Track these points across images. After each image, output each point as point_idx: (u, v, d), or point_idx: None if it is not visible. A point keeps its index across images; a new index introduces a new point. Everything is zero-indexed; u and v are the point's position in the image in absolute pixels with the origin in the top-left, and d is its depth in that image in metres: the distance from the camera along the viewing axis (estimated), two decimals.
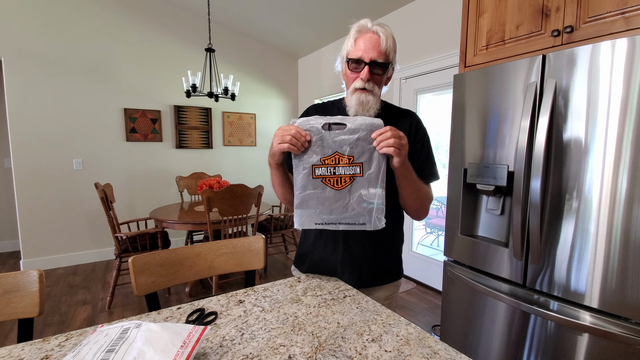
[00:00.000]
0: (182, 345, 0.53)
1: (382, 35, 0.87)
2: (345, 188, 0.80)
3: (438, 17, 2.63)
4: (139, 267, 0.91)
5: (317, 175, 0.80)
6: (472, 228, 1.43)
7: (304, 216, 0.81)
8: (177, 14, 3.69)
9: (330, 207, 0.80)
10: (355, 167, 0.80)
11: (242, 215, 2.47)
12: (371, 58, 0.87)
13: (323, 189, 0.80)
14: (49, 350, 0.61)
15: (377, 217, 0.81)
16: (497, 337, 1.30)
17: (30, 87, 3.06)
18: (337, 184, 0.80)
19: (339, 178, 0.80)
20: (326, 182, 0.80)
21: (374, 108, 0.93)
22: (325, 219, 0.81)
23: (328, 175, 0.80)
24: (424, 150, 0.99)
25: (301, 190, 0.80)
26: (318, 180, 0.80)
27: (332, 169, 0.80)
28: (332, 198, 0.80)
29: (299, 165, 0.81)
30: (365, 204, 0.81)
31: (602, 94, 0.99)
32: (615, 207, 0.98)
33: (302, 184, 0.80)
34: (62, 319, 2.32)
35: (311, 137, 0.80)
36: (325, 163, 0.80)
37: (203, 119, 3.95)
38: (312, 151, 0.80)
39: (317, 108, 1.08)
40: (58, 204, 3.25)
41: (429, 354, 0.61)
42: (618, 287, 0.98)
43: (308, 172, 0.80)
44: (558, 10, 1.26)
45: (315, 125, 0.80)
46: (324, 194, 0.80)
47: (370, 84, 0.90)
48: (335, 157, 0.80)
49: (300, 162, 0.81)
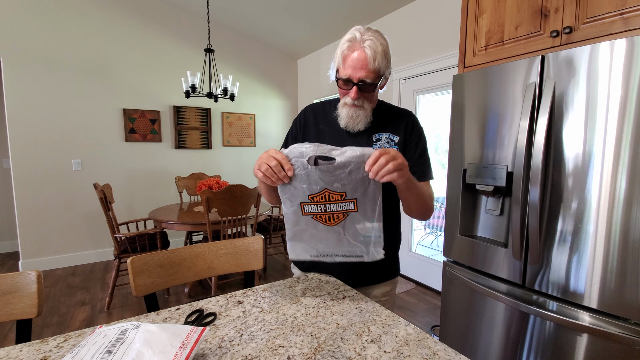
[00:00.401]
0: (181, 347, 0.53)
1: (370, 53, 0.83)
2: (339, 224, 0.75)
3: (437, 18, 2.63)
4: (137, 268, 0.91)
5: (307, 212, 0.75)
6: (472, 228, 1.43)
7: (297, 249, 0.77)
8: (176, 14, 3.69)
9: (325, 242, 0.76)
10: (348, 203, 0.75)
11: (242, 216, 2.47)
12: (359, 78, 0.86)
13: (315, 225, 0.75)
14: (47, 352, 0.60)
15: (374, 250, 0.78)
16: (497, 338, 1.30)
17: (29, 87, 3.06)
18: (330, 220, 0.75)
19: (331, 215, 0.75)
20: (317, 218, 0.75)
21: (364, 121, 0.94)
22: (320, 251, 0.76)
23: (319, 213, 0.75)
24: (418, 149, 0.99)
25: (292, 225, 0.76)
26: (309, 217, 0.75)
27: (323, 206, 0.75)
28: (325, 233, 0.75)
29: (286, 201, 0.76)
30: (362, 238, 0.77)
31: (601, 95, 0.99)
32: (614, 207, 0.98)
33: (293, 220, 0.76)
34: (61, 319, 2.31)
35: (296, 171, 0.73)
36: (315, 200, 0.74)
37: (202, 120, 3.95)
38: (298, 187, 0.74)
39: (315, 108, 1.08)
40: (57, 205, 3.25)
41: (428, 355, 0.61)
42: (617, 287, 0.98)
43: (297, 210, 0.75)
44: (557, 11, 1.26)
45: (300, 159, 0.72)
46: (317, 229, 0.75)
47: (360, 101, 0.91)
48: (325, 195, 0.74)
49: (287, 197, 0.75)
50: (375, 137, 0.98)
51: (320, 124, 1.04)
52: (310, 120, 1.06)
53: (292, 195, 0.75)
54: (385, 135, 0.98)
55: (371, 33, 0.86)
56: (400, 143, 0.98)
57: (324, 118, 1.04)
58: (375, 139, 0.98)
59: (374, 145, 0.98)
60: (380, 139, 0.98)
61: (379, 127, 0.99)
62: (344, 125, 0.96)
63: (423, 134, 1.02)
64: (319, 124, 1.04)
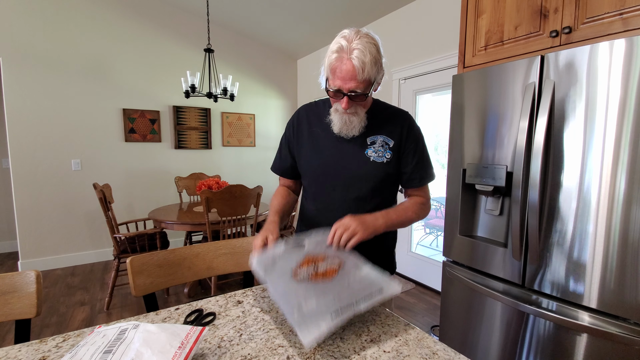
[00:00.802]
0: (180, 346, 0.53)
1: (358, 64, 0.80)
2: (336, 276, 0.72)
3: (437, 18, 2.63)
4: (137, 268, 0.91)
5: (301, 278, 0.70)
6: (471, 228, 1.43)
7: (310, 326, 0.59)
8: (176, 14, 3.68)
9: (337, 295, 0.65)
10: (334, 259, 0.78)
11: (241, 216, 2.47)
12: (349, 89, 0.84)
13: (315, 287, 0.68)
14: (46, 352, 0.60)
15: (386, 280, 0.72)
16: (496, 338, 1.30)
17: (29, 87, 3.05)
18: (326, 276, 0.72)
19: (325, 272, 0.73)
20: (315, 278, 0.71)
21: (359, 126, 0.94)
22: (338, 306, 0.62)
23: (313, 273, 0.72)
24: (416, 154, 0.98)
25: (291, 304, 0.64)
26: (305, 283, 0.69)
27: (314, 266, 0.75)
28: (332, 287, 0.68)
29: (275, 283, 0.70)
30: (367, 280, 0.72)
31: (600, 95, 0.99)
32: (614, 207, 0.98)
33: (290, 298, 0.65)
34: (60, 320, 2.31)
35: (272, 262, 0.77)
36: (303, 266, 0.75)
37: (202, 120, 3.95)
38: (282, 269, 0.74)
39: (308, 109, 1.07)
40: (56, 205, 3.25)
41: (428, 355, 0.61)
42: (616, 287, 0.98)
43: (288, 282, 0.69)
44: (556, 11, 1.26)
45: (272, 253, 0.80)
46: (321, 290, 0.67)
47: (352, 109, 0.90)
48: (308, 259, 0.77)
49: (275, 277, 0.72)
50: (369, 140, 0.97)
51: (314, 127, 1.02)
52: (304, 122, 1.05)
53: (278, 273, 0.73)
54: (380, 138, 0.97)
55: (359, 40, 0.81)
56: (395, 148, 0.97)
57: (318, 120, 1.02)
58: (370, 142, 0.97)
59: (368, 149, 0.96)
60: (375, 142, 0.97)
61: (374, 129, 0.97)
62: (337, 131, 0.95)
63: (421, 136, 1.01)
64: (313, 126, 1.03)
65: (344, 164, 0.97)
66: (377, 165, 0.96)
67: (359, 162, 0.96)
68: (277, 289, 0.68)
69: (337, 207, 0.99)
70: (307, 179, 1.06)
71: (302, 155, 1.05)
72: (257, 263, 0.77)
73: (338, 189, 0.99)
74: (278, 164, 1.13)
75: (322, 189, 1.01)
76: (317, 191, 1.03)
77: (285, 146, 1.09)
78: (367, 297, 0.65)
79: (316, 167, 1.01)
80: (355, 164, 0.96)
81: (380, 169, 0.96)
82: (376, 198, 0.98)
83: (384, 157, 0.96)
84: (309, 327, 0.58)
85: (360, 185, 0.97)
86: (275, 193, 1.13)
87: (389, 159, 0.96)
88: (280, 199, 1.08)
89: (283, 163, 1.11)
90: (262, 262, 0.77)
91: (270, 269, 0.74)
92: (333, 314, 0.60)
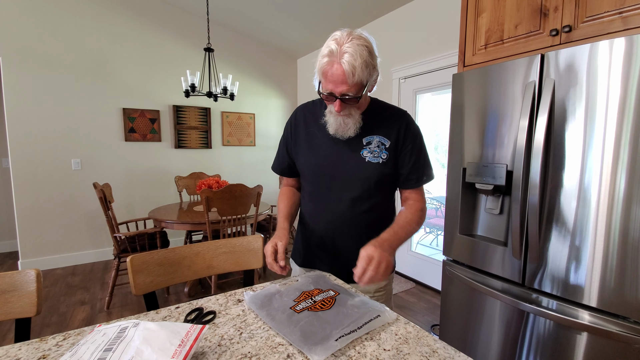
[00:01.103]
0: (180, 344, 0.53)
1: (348, 68, 0.79)
2: (334, 305, 0.75)
3: (437, 17, 2.63)
4: (137, 267, 0.91)
5: (301, 309, 0.73)
6: (471, 227, 1.43)
7: (319, 348, 0.60)
8: (176, 13, 3.68)
9: (336, 323, 0.68)
10: (328, 291, 0.82)
11: (241, 215, 2.47)
12: (341, 92, 0.84)
13: (316, 314, 0.71)
14: (46, 350, 0.60)
15: (384, 308, 0.74)
16: (496, 336, 1.30)
17: (29, 86, 3.05)
18: (325, 305, 0.75)
19: (323, 302, 0.76)
20: (314, 309, 0.74)
21: (354, 128, 0.94)
22: (339, 332, 0.65)
23: (311, 305, 0.75)
24: (412, 155, 0.98)
25: (301, 331, 0.65)
26: (306, 312, 0.72)
27: (311, 299, 0.77)
28: (329, 316, 0.71)
29: (274, 323, 0.70)
30: (364, 308, 0.75)
31: (600, 93, 0.99)
32: (614, 206, 0.98)
33: (297, 328, 0.67)
34: (60, 319, 2.31)
35: (268, 299, 0.78)
36: (300, 300, 0.77)
37: (202, 119, 3.95)
38: (280, 304, 0.76)
39: (305, 109, 1.07)
40: (56, 204, 3.25)
41: (428, 353, 0.61)
42: (616, 286, 0.98)
43: (290, 315, 0.72)
44: (556, 9, 1.26)
45: (268, 291, 0.82)
46: (320, 318, 0.70)
47: (346, 111, 0.90)
48: (306, 294, 0.80)
49: (274, 311, 0.73)
50: (365, 141, 0.96)
51: (311, 127, 1.02)
52: (301, 123, 1.05)
53: (276, 307, 0.75)
54: (376, 139, 0.96)
55: (350, 43, 0.80)
56: (391, 148, 0.96)
57: (314, 120, 1.02)
58: (366, 142, 0.96)
59: (364, 150, 0.96)
60: (370, 142, 0.96)
61: (371, 129, 0.97)
62: (332, 133, 0.95)
63: (419, 135, 1.00)
64: (310, 126, 1.03)
65: (340, 165, 0.97)
66: (373, 165, 0.95)
67: (355, 162, 0.96)
68: (275, 319, 0.70)
69: (334, 207, 0.99)
70: (305, 179, 1.07)
71: (299, 155, 1.05)
72: (251, 300, 0.78)
73: (335, 189, 0.99)
74: (277, 164, 1.14)
75: (319, 189, 1.02)
76: (314, 191, 1.04)
77: (283, 146, 1.10)
78: (368, 324, 0.69)
79: (313, 167, 1.02)
80: (350, 165, 0.96)
81: (375, 169, 0.95)
82: (372, 198, 0.98)
83: (380, 157, 0.96)
84: (316, 350, 0.60)
85: (356, 186, 0.97)
86: (280, 195, 1.13)
87: (384, 160, 0.96)
88: (286, 200, 1.09)
89: (281, 163, 1.12)
90: (257, 299, 0.78)
91: (267, 304, 0.76)
92: (338, 339, 0.63)
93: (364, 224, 0.99)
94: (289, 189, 1.14)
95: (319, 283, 0.87)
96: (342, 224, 1.00)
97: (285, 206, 1.07)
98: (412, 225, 0.95)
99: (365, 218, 0.99)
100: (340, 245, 1.01)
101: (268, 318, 0.71)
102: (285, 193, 1.12)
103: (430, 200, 3.71)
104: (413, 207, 1.00)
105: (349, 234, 1.00)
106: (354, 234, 0.99)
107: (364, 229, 0.99)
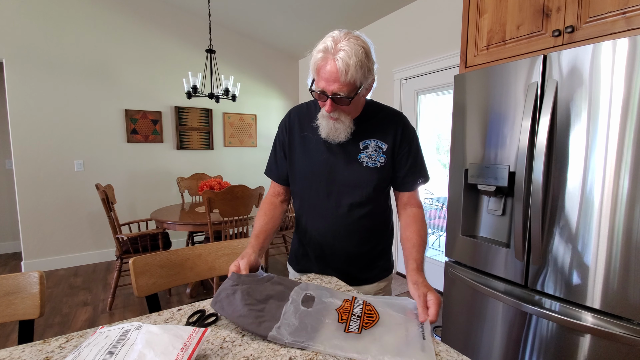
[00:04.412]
0: (183, 348, 0.53)
1: (341, 65, 0.77)
2: (378, 323, 0.68)
3: (438, 18, 2.62)
4: (139, 268, 0.91)
5: (342, 320, 0.68)
6: (473, 229, 1.43)
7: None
8: (177, 15, 3.69)
9: (381, 346, 0.61)
10: (351, 302, 0.75)
11: (243, 216, 2.47)
12: (333, 91, 0.81)
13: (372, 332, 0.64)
14: (49, 352, 0.61)
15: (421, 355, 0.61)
16: (499, 338, 1.29)
17: (32, 88, 3.07)
18: (372, 321, 0.68)
19: (369, 316, 0.69)
20: (367, 327, 0.66)
21: (344, 133, 0.91)
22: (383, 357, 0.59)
23: (361, 324, 0.67)
24: (409, 158, 0.96)
25: (299, 329, 0.63)
26: (342, 326, 0.65)
27: (353, 316, 0.70)
28: (378, 334, 0.65)
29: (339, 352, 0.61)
30: (403, 342, 0.64)
31: (603, 94, 0.99)
32: (617, 207, 0.97)
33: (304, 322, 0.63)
34: (63, 320, 2.32)
35: (301, 325, 0.67)
36: (343, 322, 0.68)
37: (204, 120, 3.96)
38: (323, 326, 0.66)
39: (299, 111, 1.03)
40: (59, 205, 3.26)
41: None
42: (620, 288, 0.97)
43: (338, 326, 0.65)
44: (559, 10, 1.25)
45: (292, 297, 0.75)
46: (370, 334, 0.64)
47: (335, 114, 0.87)
48: (340, 311, 0.72)
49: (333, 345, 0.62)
50: (362, 145, 0.94)
51: (305, 131, 0.98)
52: (295, 125, 1.01)
53: (326, 332, 0.65)
54: (373, 142, 0.94)
55: (346, 42, 0.78)
56: (388, 151, 0.95)
57: (309, 123, 0.97)
58: (363, 146, 0.94)
59: (361, 154, 0.94)
60: (367, 146, 0.94)
61: (367, 132, 0.95)
62: (324, 136, 0.92)
63: (415, 137, 0.99)
64: (304, 130, 0.99)
65: (338, 171, 0.94)
66: (371, 170, 0.94)
67: (352, 167, 0.94)
68: (338, 346, 0.61)
69: (332, 213, 0.96)
70: (299, 185, 1.01)
71: (294, 160, 1.00)
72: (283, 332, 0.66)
73: (332, 195, 0.96)
74: (275, 170, 1.06)
75: (315, 196, 0.98)
76: (309, 198, 1.00)
77: (280, 150, 1.03)
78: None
79: (308, 173, 0.98)
80: (348, 170, 0.94)
81: (374, 174, 0.94)
82: (371, 203, 0.96)
83: (378, 161, 0.94)
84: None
85: (354, 192, 0.94)
86: (260, 208, 1.04)
87: (382, 164, 0.94)
88: (264, 217, 1.00)
89: (280, 169, 1.05)
90: (287, 328, 0.66)
91: (301, 330, 0.65)
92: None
93: (363, 229, 0.98)
94: (270, 205, 1.04)
95: (334, 293, 0.80)
96: (340, 229, 0.97)
97: (259, 225, 0.97)
98: (424, 240, 0.96)
99: (364, 223, 0.97)
100: (338, 250, 0.99)
101: (309, 341, 0.62)
102: (265, 210, 1.03)
103: (432, 201, 3.70)
104: (414, 215, 0.98)
105: (347, 239, 0.98)
106: (353, 239, 0.98)
107: (362, 233, 0.98)
